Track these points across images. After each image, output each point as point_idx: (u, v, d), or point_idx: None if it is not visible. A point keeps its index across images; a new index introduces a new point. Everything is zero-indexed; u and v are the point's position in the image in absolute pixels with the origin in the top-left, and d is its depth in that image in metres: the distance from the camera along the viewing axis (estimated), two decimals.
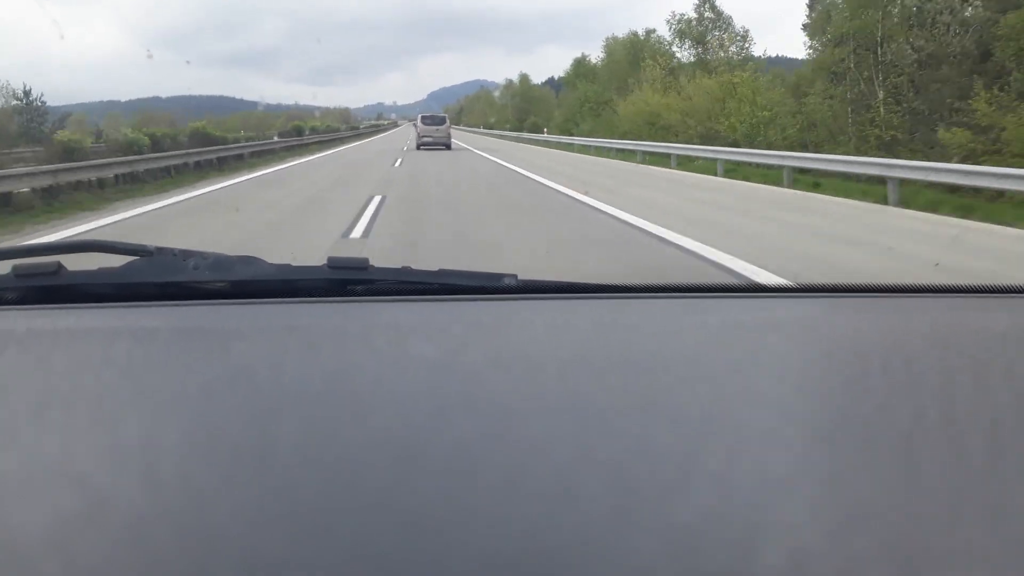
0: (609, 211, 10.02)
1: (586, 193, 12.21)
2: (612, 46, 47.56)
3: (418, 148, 32.07)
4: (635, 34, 45.09)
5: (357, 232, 8.50)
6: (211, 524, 0.52)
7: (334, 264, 1.11)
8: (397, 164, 22.24)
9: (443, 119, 35.05)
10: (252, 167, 21.48)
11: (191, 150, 19.79)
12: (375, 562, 0.47)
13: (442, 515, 0.52)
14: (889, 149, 17.72)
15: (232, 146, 24.18)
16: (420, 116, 35.45)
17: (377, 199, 11.77)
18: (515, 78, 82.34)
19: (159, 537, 0.50)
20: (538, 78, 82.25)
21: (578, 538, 0.50)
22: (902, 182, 11.53)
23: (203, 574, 0.47)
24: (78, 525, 0.51)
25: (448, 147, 32.52)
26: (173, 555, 0.48)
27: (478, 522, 0.52)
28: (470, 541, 0.49)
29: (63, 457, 0.62)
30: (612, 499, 0.54)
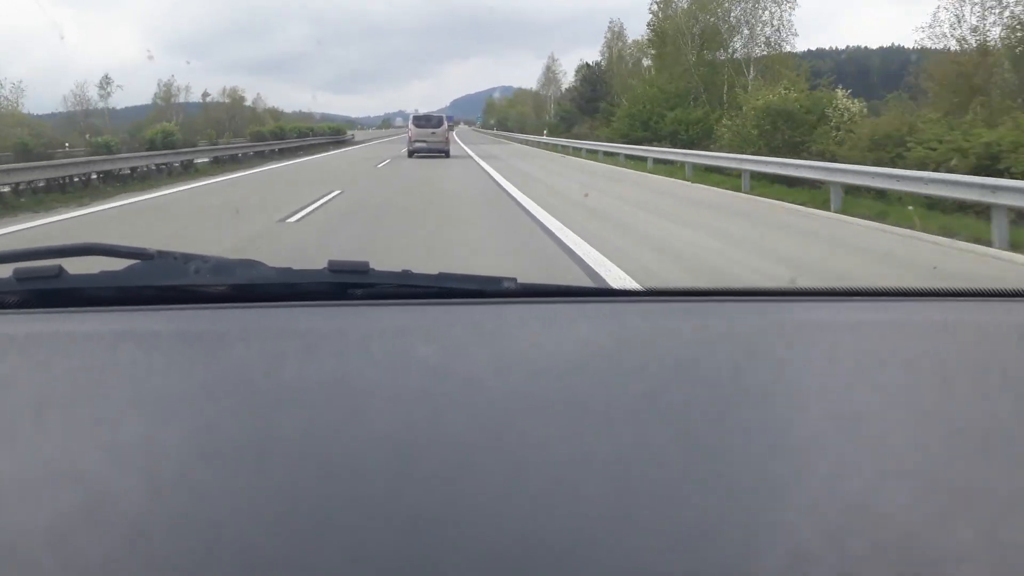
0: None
1: None
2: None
3: (410, 155, 26.76)
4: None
5: None
6: (211, 526, 0.52)
7: (334, 268, 1.11)
8: None
9: (440, 120, 29.09)
10: None
11: None
12: (374, 564, 0.47)
13: (441, 517, 0.52)
14: None
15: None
16: (412, 117, 29.83)
17: None
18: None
19: (159, 539, 0.50)
20: (566, 81, 75.92)
21: (577, 540, 0.50)
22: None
23: (202, 575, 0.47)
24: (79, 528, 0.51)
25: (446, 154, 27.08)
26: (173, 557, 0.48)
27: (477, 524, 0.52)
28: (469, 544, 0.49)
29: (64, 460, 0.62)
30: (611, 501, 0.55)
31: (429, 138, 27.34)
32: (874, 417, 0.72)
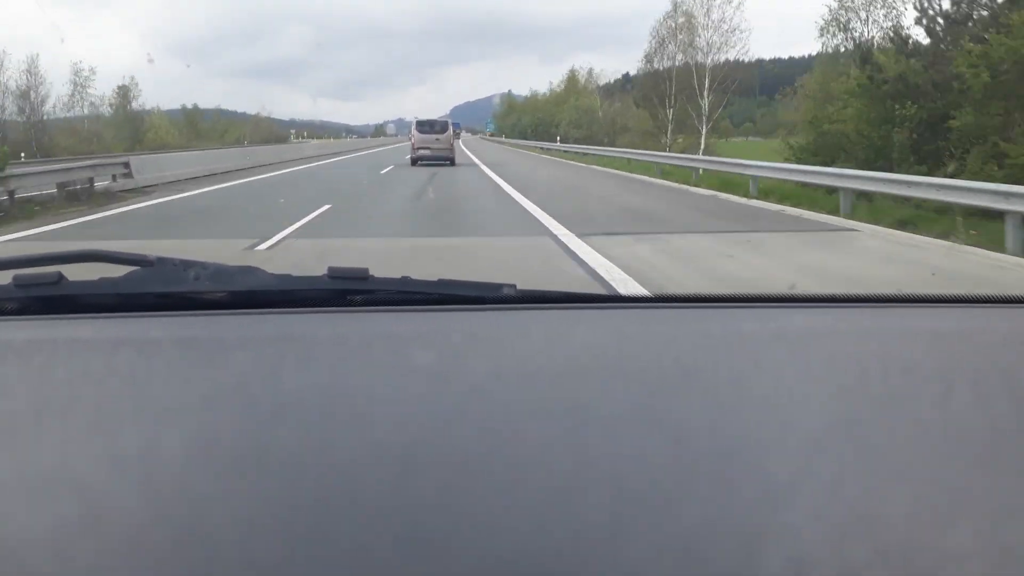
0: None
1: None
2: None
3: (413, 164, 25.37)
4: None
5: None
6: (210, 533, 0.52)
7: (334, 274, 1.11)
8: None
9: (444, 125, 27.44)
10: None
11: None
12: (373, 571, 0.47)
13: (441, 524, 0.52)
14: None
15: None
16: (416, 122, 27.51)
17: None
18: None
19: (158, 547, 0.50)
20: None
21: (577, 547, 0.50)
22: None
23: None
24: (78, 534, 0.51)
25: (451, 162, 25.59)
26: (171, 565, 0.48)
27: (477, 531, 0.52)
28: (469, 550, 0.49)
29: (63, 466, 0.62)
30: (611, 507, 0.54)
31: (433, 144, 25.77)
32: (874, 423, 0.72)
